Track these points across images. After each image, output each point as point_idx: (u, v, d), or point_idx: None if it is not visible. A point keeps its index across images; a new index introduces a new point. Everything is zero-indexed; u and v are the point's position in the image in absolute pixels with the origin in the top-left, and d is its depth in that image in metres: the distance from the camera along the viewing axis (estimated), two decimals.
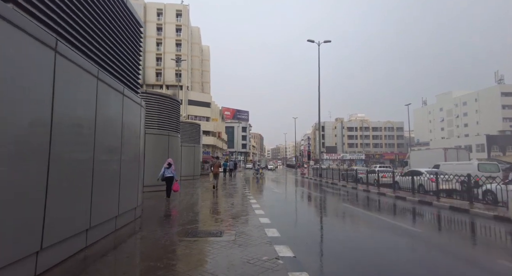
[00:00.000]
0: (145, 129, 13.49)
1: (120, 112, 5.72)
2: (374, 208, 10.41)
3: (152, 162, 13.34)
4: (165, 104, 14.17)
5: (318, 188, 17.94)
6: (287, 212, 9.03)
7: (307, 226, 7.03)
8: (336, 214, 9.02)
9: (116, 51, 5.66)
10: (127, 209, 6.17)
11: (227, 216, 7.43)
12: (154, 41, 57.24)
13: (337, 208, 10.12)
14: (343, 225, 7.45)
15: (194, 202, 9.91)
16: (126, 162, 5.98)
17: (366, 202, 11.91)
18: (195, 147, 23.58)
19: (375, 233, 6.38)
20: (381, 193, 14.63)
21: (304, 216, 8.54)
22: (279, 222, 6.68)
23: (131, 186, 6.41)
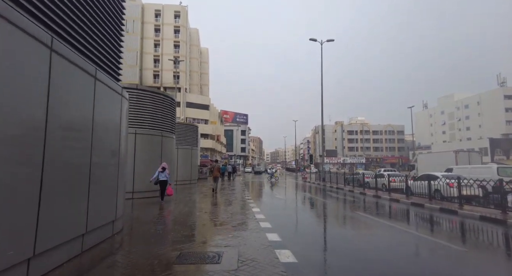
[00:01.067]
0: (136, 129, 12.31)
1: (90, 100, 4.49)
2: (394, 217, 9.17)
3: (144, 165, 12.10)
4: (159, 102, 12.95)
5: (324, 194, 16.69)
6: (296, 223, 7.79)
7: (323, 241, 5.79)
8: (357, 226, 7.77)
9: (83, 17, 4.44)
10: (101, 224, 4.91)
11: (227, 230, 6.19)
12: (152, 42, 56.30)
13: (353, 218, 8.87)
14: (371, 241, 6.21)
15: (189, 211, 8.66)
16: (98, 165, 4.74)
17: (381, 210, 10.68)
18: (192, 149, 22.33)
19: (409, 250, 5.16)
20: (393, 199, 13.40)
21: (317, 229, 7.29)
22: (290, 239, 5.47)
23: (107, 194, 5.17)
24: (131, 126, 11.61)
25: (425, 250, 5.31)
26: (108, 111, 5.18)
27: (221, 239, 5.33)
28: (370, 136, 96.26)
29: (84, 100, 4.33)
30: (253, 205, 10.26)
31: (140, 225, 6.81)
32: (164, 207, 9.73)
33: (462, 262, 4.62)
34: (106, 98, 5.07)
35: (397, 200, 13.15)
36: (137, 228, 6.49)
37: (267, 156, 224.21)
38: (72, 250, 4.09)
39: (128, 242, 5.21)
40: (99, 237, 4.93)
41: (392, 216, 9.36)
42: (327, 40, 28.22)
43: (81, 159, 4.25)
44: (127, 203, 10.15)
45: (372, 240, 5.96)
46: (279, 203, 12.32)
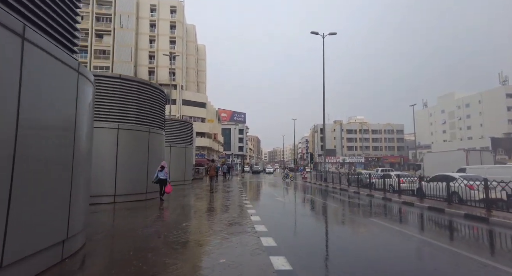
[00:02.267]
0: (119, 123, 10.87)
1: (16, 72, 3.07)
2: (415, 225, 7.83)
3: (128, 164, 10.68)
4: (146, 94, 11.52)
5: (328, 196, 15.34)
6: (303, 235, 6.42)
7: (343, 262, 4.42)
8: (382, 240, 6.40)
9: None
10: (35, 250, 3.49)
11: (219, 250, 4.82)
12: (147, 38, 54.76)
13: (371, 227, 7.51)
14: (400, 258, 4.84)
15: (176, 221, 7.24)
16: (28, 167, 3.32)
17: (397, 215, 9.34)
18: (187, 148, 20.90)
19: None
20: (406, 203, 12.08)
21: (331, 243, 5.92)
22: (299, 262, 4.09)
23: (48, 206, 3.75)
24: (113, 120, 10.21)
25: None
26: (51, 93, 3.75)
27: (212, 264, 3.95)
28: (369, 135, 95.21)
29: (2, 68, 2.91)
30: (250, 209, 8.87)
31: (112, 240, 5.42)
32: (147, 215, 8.34)
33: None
34: (47, 73, 3.64)
35: (410, 204, 11.84)
36: (105, 246, 5.10)
37: (265, 155, 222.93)
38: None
39: (81, 272, 3.81)
40: (33, 268, 3.50)
41: (412, 224, 8.02)
42: (329, 33, 26.87)
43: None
44: (107, 209, 8.75)
45: (401, 256, 4.60)
46: (280, 208, 10.94)
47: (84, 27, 49.87)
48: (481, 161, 22.10)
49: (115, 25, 51.52)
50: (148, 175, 11.35)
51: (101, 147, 10.11)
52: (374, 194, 15.34)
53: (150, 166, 11.52)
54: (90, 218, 7.34)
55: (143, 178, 11.15)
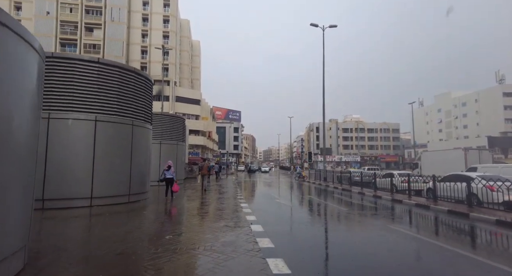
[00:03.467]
0: (97, 115, 9.44)
1: None
2: (454, 238, 6.59)
3: (108, 161, 9.27)
4: (129, 81, 10.09)
5: (332, 198, 14.10)
6: (318, 253, 5.13)
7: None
8: (423, 261, 5.13)
9: None
10: None
11: (212, 265, 3.50)
12: (139, 32, 52.95)
13: (396, 237, 6.25)
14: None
15: (158, 232, 5.86)
16: None
17: (419, 222, 8.13)
18: (178, 145, 19.47)
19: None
20: (420, 205, 10.89)
21: (352, 261, 4.64)
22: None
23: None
24: (90, 110, 8.80)
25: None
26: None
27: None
28: (365, 134, 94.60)
29: None
30: (251, 218, 7.54)
31: (60, 263, 4.02)
32: (128, 220, 6.97)
33: None
34: None
35: (425, 206, 10.66)
36: (54, 267, 3.71)
37: (259, 154, 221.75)
38: None
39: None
40: None
41: (444, 234, 6.78)
42: (330, 26, 25.62)
43: None
44: (79, 215, 7.35)
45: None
46: (282, 212, 9.63)
47: (73, 20, 47.95)
48: (479, 160, 21.36)
49: (106, 19, 49.59)
50: (131, 174, 9.95)
51: (75, 141, 8.69)
52: (380, 195, 14.14)
53: (135, 164, 10.12)
54: (50, 228, 5.95)
55: (125, 178, 9.75)
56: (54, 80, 8.55)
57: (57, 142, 8.41)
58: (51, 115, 8.40)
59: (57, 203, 8.22)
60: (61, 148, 8.41)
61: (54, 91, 8.53)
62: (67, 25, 47.83)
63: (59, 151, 8.40)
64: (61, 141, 8.46)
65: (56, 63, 8.60)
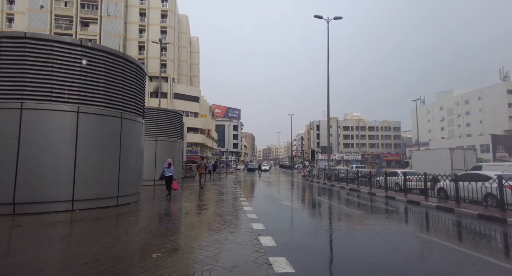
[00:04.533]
0: (79, 105, 8.26)
1: None
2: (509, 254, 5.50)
3: (93, 159, 8.15)
4: (117, 69, 8.92)
5: (342, 199, 13.00)
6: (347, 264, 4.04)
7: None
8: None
9: None
10: None
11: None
12: (137, 28, 51.61)
13: (433, 251, 5.15)
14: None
15: (143, 247, 4.72)
16: None
17: (457, 231, 7.03)
18: (175, 142, 18.31)
19: None
20: (443, 208, 9.78)
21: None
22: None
23: None
24: (72, 100, 7.66)
25: None
26: None
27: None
28: (366, 132, 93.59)
29: None
30: (257, 226, 6.40)
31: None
32: (111, 229, 5.83)
33: None
34: None
35: (449, 210, 9.57)
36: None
37: (259, 153, 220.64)
38: None
39: None
40: None
41: (490, 247, 5.67)
42: (334, 17, 24.46)
43: None
44: (54, 221, 6.22)
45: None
46: (291, 216, 8.52)
47: (68, 14, 46.63)
48: (464, 159, 22.20)
49: (102, 13, 48.30)
50: (120, 173, 8.80)
51: (53, 136, 7.54)
52: (393, 195, 13.05)
53: (124, 163, 8.97)
54: (10, 240, 4.77)
55: (113, 178, 8.60)
56: (28, 65, 7.38)
57: (32, 137, 7.25)
58: (24, 105, 7.24)
59: (31, 208, 7.07)
60: (36, 144, 7.26)
61: (28, 78, 7.37)
62: (61, 19, 46.49)
63: (34, 147, 7.24)
64: (37, 136, 7.30)
65: (30, 45, 7.43)
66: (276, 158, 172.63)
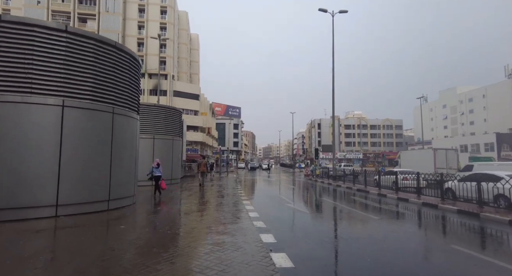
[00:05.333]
0: (64, 99, 7.35)
1: None
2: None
3: (80, 159, 7.29)
4: (108, 59, 8.05)
5: (353, 201, 12.15)
6: None
7: None
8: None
9: None
10: None
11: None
12: (136, 24, 50.67)
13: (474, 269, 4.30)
14: None
15: (133, 265, 3.89)
16: None
17: (497, 243, 6.17)
18: (174, 140, 17.45)
19: None
20: (466, 212, 8.92)
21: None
22: None
23: None
24: (56, 93, 6.79)
25: None
26: None
27: None
28: (368, 130, 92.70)
29: None
30: (267, 237, 5.55)
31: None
32: (91, 242, 4.98)
33: None
34: None
35: (474, 215, 8.70)
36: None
37: (259, 151, 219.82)
38: None
39: None
40: None
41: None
42: (340, 11, 23.53)
43: None
44: (37, 229, 5.39)
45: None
46: (304, 223, 7.67)
47: (65, 10, 45.66)
48: (446, 159, 23.32)
49: (100, 9, 47.34)
50: (112, 174, 7.95)
51: (34, 132, 6.67)
52: (406, 197, 12.19)
53: (116, 162, 8.11)
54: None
55: (103, 180, 7.74)
56: (4, 52, 6.51)
57: (9, 133, 6.39)
58: (1, 98, 6.37)
59: (8, 214, 6.22)
60: (14, 141, 6.40)
61: (4, 67, 6.49)
62: (59, 15, 45.51)
63: (11, 145, 6.38)
64: (15, 133, 6.44)
65: (7, 30, 6.55)
66: (276, 157, 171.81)
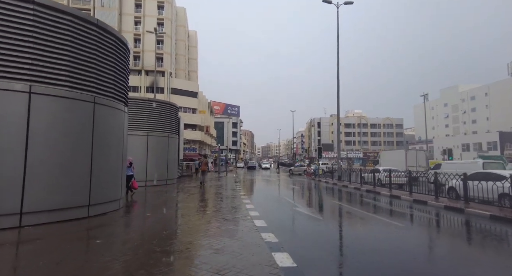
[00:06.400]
0: (31, 84, 5.98)
1: None
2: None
3: (52, 157, 6.08)
4: (88, 39, 6.83)
5: (365, 203, 10.99)
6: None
7: None
8: None
9: None
10: None
11: None
12: (132, 19, 49.32)
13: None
14: None
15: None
16: None
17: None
18: (170, 138, 16.24)
19: None
20: (498, 218, 7.77)
21: None
22: None
23: None
24: (22, 77, 5.58)
25: None
26: None
27: None
28: (368, 129, 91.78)
29: None
30: (283, 257, 4.40)
31: None
32: (66, 259, 3.78)
33: None
34: None
35: (509, 220, 7.55)
36: None
37: (258, 150, 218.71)
38: None
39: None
40: None
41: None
42: (345, 2, 22.34)
43: None
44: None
45: None
46: (319, 232, 6.50)
47: None
48: (416, 159, 26.19)
49: (95, 4, 45.96)
50: (93, 175, 6.74)
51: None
52: (424, 200, 11.03)
53: (98, 161, 6.90)
54: None
55: (82, 182, 6.54)
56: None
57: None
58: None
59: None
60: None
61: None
62: None
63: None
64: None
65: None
66: (275, 156, 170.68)
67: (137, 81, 47.99)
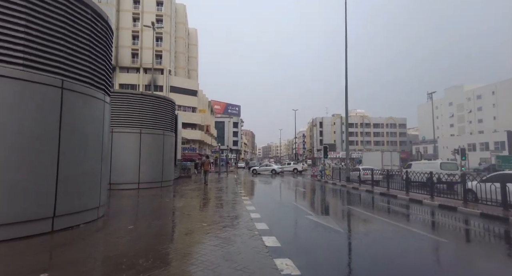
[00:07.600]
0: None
1: None
2: None
3: (12, 155, 4.64)
4: (54, 9, 5.43)
5: (386, 210, 9.58)
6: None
7: None
8: None
9: None
10: None
11: None
12: (130, 15, 48.10)
13: None
14: None
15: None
16: None
17: None
18: (166, 136, 14.85)
19: None
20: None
21: None
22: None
23: None
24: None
25: None
26: None
27: None
28: (371, 129, 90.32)
29: None
30: None
31: None
32: None
33: None
34: None
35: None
36: None
37: (259, 150, 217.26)
38: None
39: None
40: None
41: None
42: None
43: None
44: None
45: None
46: (349, 255, 5.11)
47: None
48: (390, 159, 30.82)
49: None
50: (59, 179, 5.34)
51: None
52: (453, 205, 9.62)
53: (68, 161, 5.51)
54: None
55: (43, 188, 5.14)
56: None
57: None
58: None
59: None
60: None
61: None
62: None
63: None
64: None
65: None
66: (276, 156, 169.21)
67: (135, 79, 46.71)
